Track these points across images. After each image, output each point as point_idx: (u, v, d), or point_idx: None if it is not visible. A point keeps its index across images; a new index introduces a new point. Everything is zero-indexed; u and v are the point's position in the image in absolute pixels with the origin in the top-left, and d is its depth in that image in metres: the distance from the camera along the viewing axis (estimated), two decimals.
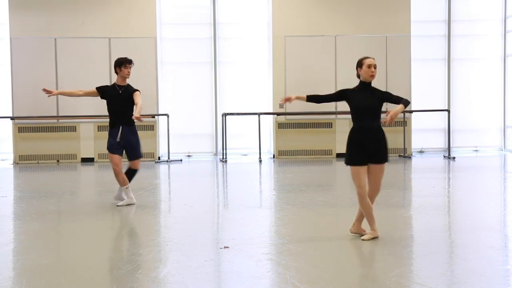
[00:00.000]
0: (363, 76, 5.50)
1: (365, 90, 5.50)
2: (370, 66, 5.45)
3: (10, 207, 7.81)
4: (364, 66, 5.47)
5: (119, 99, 7.44)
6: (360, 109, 5.43)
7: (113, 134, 7.49)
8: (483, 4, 14.75)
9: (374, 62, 5.50)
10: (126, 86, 7.54)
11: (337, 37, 13.73)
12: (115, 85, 7.54)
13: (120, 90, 7.47)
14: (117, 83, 7.54)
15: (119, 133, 7.43)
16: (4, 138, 14.05)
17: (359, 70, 5.53)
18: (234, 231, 6.05)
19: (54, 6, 13.47)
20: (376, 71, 5.51)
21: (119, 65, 7.48)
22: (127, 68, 7.48)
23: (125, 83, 7.56)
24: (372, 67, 5.45)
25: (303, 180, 9.99)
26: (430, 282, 4.20)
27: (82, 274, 4.58)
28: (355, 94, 5.51)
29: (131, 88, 7.55)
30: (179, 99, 14.18)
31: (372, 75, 5.46)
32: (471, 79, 14.70)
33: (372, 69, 5.46)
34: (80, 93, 7.75)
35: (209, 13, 14.21)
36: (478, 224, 6.17)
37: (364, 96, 5.45)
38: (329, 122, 13.77)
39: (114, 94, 7.46)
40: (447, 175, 10.88)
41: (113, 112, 7.50)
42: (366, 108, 5.41)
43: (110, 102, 7.50)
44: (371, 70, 5.45)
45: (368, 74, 5.46)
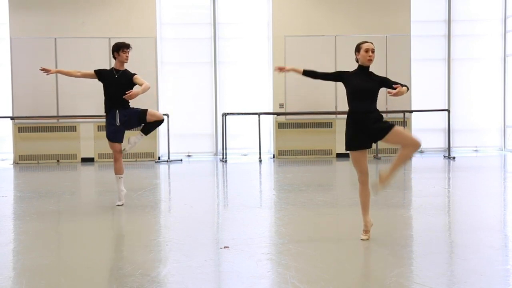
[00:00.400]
0: (361, 60, 5.50)
1: (362, 73, 5.48)
2: (367, 51, 5.44)
3: (10, 207, 7.81)
4: (362, 51, 5.47)
5: (116, 83, 7.43)
6: (357, 91, 5.39)
7: (111, 120, 7.46)
8: (483, 4, 14.75)
9: (372, 46, 5.47)
10: (124, 70, 7.54)
11: (337, 37, 13.73)
12: (113, 69, 7.55)
13: (116, 74, 7.48)
14: (115, 67, 7.55)
15: (117, 117, 7.43)
16: (4, 138, 14.05)
17: (357, 54, 5.53)
18: (234, 231, 6.05)
19: (54, 6, 13.48)
20: (374, 55, 5.47)
21: (117, 49, 7.47)
22: (125, 53, 7.48)
23: (123, 67, 7.56)
24: (369, 51, 5.44)
25: (303, 180, 9.99)
26: (430, 282, 4.20)
27: (82, 274, 4.58)
28: (353, 76, 5.48)
29: (128, 72, 7.54)
30: (179, 99, 14.18)
31: (370, 59, 5.45)
32: (471, 79, 14.71)
33: (370, 53, 5.44)
34: (78, 74, 7.66)
35: (209, 13, 14.21)
36: (478, 224, 6.17)
37: (362, 79, 5.44)
38: (329, 122, 13.78)
39: (111, 78, 7.47)
40: (447, 175, 10.88)
41: (109, 95, 7.48)
42: (363, 90, 5.37)
43: (107, 85, 7.49)
44: (368, 55, 5.44)
45: (365, 58, 5.45)
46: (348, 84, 5.47)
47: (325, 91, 13.70)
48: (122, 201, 7.54)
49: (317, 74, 5.72)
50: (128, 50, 7.51)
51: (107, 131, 7.52)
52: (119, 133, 7.49)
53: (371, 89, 5.39)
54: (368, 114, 5.36)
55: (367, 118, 5.35)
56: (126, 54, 7.49)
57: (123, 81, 7.45)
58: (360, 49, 5.50)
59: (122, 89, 7.44)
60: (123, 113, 7.46)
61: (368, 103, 5.38)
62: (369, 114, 5.36)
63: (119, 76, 7.47)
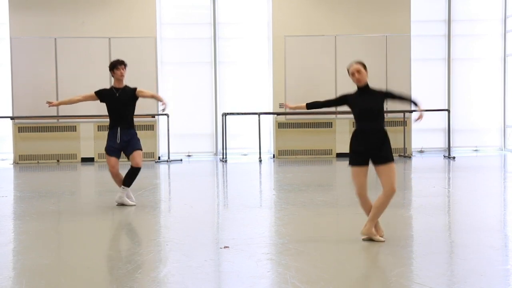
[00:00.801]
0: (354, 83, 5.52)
1: (363, 93, 5.48)
2: (353, 74, 5.44)
3: (10, 207, 7.81)
4: (350, 75, 5.48)
5: (117, 102, 7.43)
6: (361, 112, 5.43)
7: (112, 136, 7.47)
8: (483, 4, 14.75)
9: (357, 68, 5.42)
10: (123, 87, 7.51)
11: (337, 37, 13.73)
12: (112, 88, 7.53)
13: (117, 93, 7.46)
14: (114, 86, 7.53)
15: (118, 135, 7.42)
16: (4, 138, 14.05)
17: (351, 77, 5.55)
18: (234, 231, 6.05)
19: (54, 6, 13.48)
20: (363, 74, 5.42)
21: (112, 68, 7.47)
22: (119, 70, 7.44)
23: (122, 85, 7.52)
24: (355, 73, 5.42)
25: (303, 180, 9.99)
26: (430, 282, 4.20)
27: (82, 274, 4.58)
28: (355, 98, 5.50)
29: (128, 88, 7.52)
30: (179, 99, 14.17)
31: (358, 80, 5.44)
32: (471, 79, 14.71)
33: (356, 75, 5.42)
34: (80, 98, 7.69)
35: (209, 13, 14.21)
36: (478, 224, 6.17)
37: (364, 99, 5.44)
38: (329, 122, 13.78)
39: (112, 97, 7.45)
40: (447, 175, 10.88)
41: (111, 114, 7.50)
42: (366, 111, 5.41)
43: (109, 105, 7.49)
44: (355, 78, 5.44)
45: (354, 81, 5.48)
46: (353, 106, 5.49)
47: (325, 91, 13.68)
48: (133, 202, 7.53)
49: (320, 104, 5.72)
50: (121, 66, 7.45)
51: (107, 145, 7.51)
52: (116, 151, 7.49)
53: (375, 108, 5.41)
54: (374, 133, 5.39)
55: (372, 137, 5.38)
56: (120, 71, 7.44)
57: (124, 99, 7.44)
58: (349, 73, 5.51)
59: (124, 107, 7.42)
60: (125, 132, 7.44)
61: (374, 122, 5.41)
62: (376, 133, 5.39)
63: (120, 95, 7.45)
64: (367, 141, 5.38)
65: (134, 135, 7.52)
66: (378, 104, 5.43)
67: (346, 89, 5.41)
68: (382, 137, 5.41)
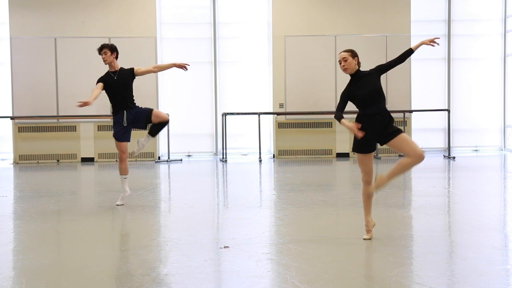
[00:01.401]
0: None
1: (355, 80, 5.47)
2: (340, 62, 5.48)
3: (10, 207, 7.81)
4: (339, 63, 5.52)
5: (117, 84, 7.47)
6: (359, 98, 5.42)
7: (119, 120, 7.49)
8: (483, 4, 14.74)
9: (343, 56, 5.45)
10: (120, 69, 7.58)
11: (337, 37, 13.73)
12: (109, 72, 7.57)
13: (114, 76, 7.51)
14: (110, 70, 7.58)
15: (124, 117, 7.45)
16: (4, 138, 14.05)
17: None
18: (234, 231, 6.05)
19: (54, 6, 13.47)
20: (350, 62, 5.42)
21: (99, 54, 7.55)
22: (102, 55, 7.51)
23: (116, 67, 7.57)
24: (341, 62, 5.45)
25: (303, 180, 9.99)
26: (430, 282, 4.21)
27: (82, 274, 4.58)
28: (351, 88, 5.48)
29: (124, 69, 7.59)
30: (179, 99, 14.17)
31: (344, 68, 5.45)
32: (471, 79, 14.70)
33: (342, 63, 5.45)
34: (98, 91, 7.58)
35: (209, 13, 14.21)
36: (478, 224, 6.17)
37: (357, 86, 5.44)
38: (329, 122, 13.77)
39: (111, 81, 7.50)
40: (447, 175, 10.88)
41: (114, 98, 7.53)
42: (364, 95, 5.39)
43: (110, 89, 7.53)
44: (341, 66, 5.46)
45: (342, 70, 5.50)
46: (352, 96, 5.48)
47: (325, 91, 13.71)
48: (123, 202, 7.54)
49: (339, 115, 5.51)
50: (102, 51, 7.50)
51: (114, 131, 7.54)
52: (126, 133, 7.51)
53: (371, 91, 5.39)
54: (376, 116, 5.38)
55: (375, 120, 5.37)
56: (103, 56, 7.51)
57: (123, 80, 7.50)
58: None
59: (124, 89, 7.49)
60: (130, 112, 7.49)
61: (374, 106, 5.39)
62: (377, 115, 5.38)
63: (117, 77, 7.51)
64: (371, 125, 5.36)
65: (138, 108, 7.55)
66: (374, 86, 5.40)
67: None
68: (386, 117, 5.40)
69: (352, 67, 5.45)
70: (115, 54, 7.55)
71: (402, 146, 5.34)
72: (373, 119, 5.37)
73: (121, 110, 7.48)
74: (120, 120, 7.48)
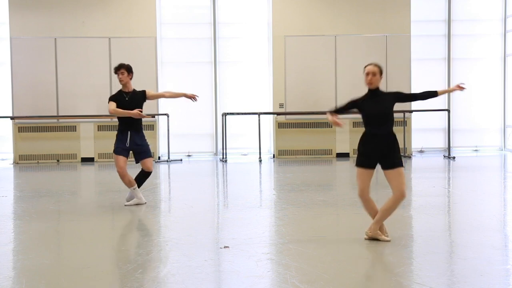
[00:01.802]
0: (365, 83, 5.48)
1: (373, 97, 5.45)
2: (368, 74, 5.42)
3: (10, 207, 7.81)
4: (364, 74, 5.45)
5: (127, 106, 7.46)
6: (369, 116, 5.41)
7: (122, 139, 7.49)
8: (483, 4, 14.74)
9: (372, 70, 5.41)
10: (132, 91, 7.57)
11: (337, 37, 13.73)
12: (122, 92, 7.56)
13: (126, 97, 7.50)
14: (123, 90, 7.58)
15: (128, 139, 7.45)
16: (4, 138, 14.05)
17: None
18: (234, 231, 6.05)
19: (54, 6, 13.47)
20: (377, 78, 5.41)
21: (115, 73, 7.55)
22: (118, 75, 7.51)
23: (130, 88, 7.57)
24: (369, 74, 5.40)
25: (303, 180, 9.99)
26: (430, 282, 4.21)
27: (82, 274, 4.58)
28: (365, 102, 5.46)
29: (137, 92, 7.59)
30: (179, 99, 14.12)
31: (370, 82, 5.41)
32: (471, 79, 14.69)
33: (370, 76, 5.40)
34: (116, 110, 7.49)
35: (209, 13, 14.21)
36: (478, 224, 6.18)
37: (373, 103, 5.41)
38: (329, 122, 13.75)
39: (122, 102, 7.49)
40: (447, 175, 10.88)
41: (122, 118, 7.52)
42: (374, 115, 5.39)
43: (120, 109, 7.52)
44: (368, 78, 5.41)
45: (366, 81, 5.44)
46: (361, 110, 5.47)
47: (325, 91, 13.70)
48: (131, 203, 7.53)
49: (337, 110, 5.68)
50: (119, 71, 7.49)
51: (115, 145, 7.52)
52: (124, 151, 7.51)
53: (383, 112, 5.39)
54: (383, 137, 5.38)
55: (381, 141, 5.38)
56: (119, 75, 7.50)
57: (135, 102, 7.47)
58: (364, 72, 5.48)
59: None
60: (136, 136, 7.47)
61: (382, 127, 5.40)
62: (384, 137, 5.38)
63: (129, 98, 7.50)
64: (376, 145, 5.38)
65: (144, 138, 7.59)
66: (387, 108, 5.40)
67: (346, 89, 5.45)
68: (391, 141, 5.40)
69: (377, 84, 5.44)
70: (131, 75, 7.57)
71: (393, 178, 5.39)
72: (379, 140, 5.38)
73: (126, 131, 7.48)
74: (124, 139, 7.48)
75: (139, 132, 7.54)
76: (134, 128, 7.49)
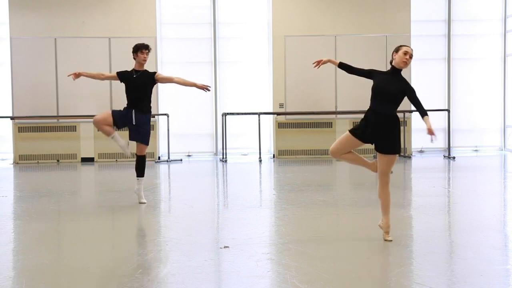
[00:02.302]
0: (396, 61, 5.46)
1: (393, 76, 5.48)
2: (406, 53, 5.42)
3: (10, 207, 7.81)
4: (400, 52, 5.44)
5: (134, 84, 7.51)
6: (379, 91, 5.43)
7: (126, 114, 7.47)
8: (483, 4, 14.75)
9: (411, 52, 5.46)
10: (143, 71, 7.62)
11: (337, 37, 13.73)
12: (133, 70, 7.64)
13: (135, 75, 7.55)
14: (135, 68, 7.64)
15: (133, 116, 7.45)
16: (4, 138, 14.05)
17: (394, 54, 5.50)
18: (234, 231, 6.05)
19: (54, 6, 13.47)
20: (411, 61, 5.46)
21: (135, 50, 7.59)
22: (143, 54, 7.58)
23: (142, 68, 7.64)
24: (408, 54, 5.42)
25: (303, 180, 9.99)
26: (430, 282, 4.21)
27: (82, 274, 4.58)
28: (382, 76, 5.51)
29: (147, 72, 7.63)
30: (179, 99, 14.17)
31: (405, 62, 5.42)
32: (471, 79, 14.70)
33: (407, 56, 5.42)
34: (102, 77, 7.87)
35: (209, 13, 14.21)
36: (478, 224, 6.17)
37: (389, 81, 5.44)
38: (329, 122, 13.78)
39: (130, 79, 7.55)
40: (447, 175, 10.88)
41: (128, 96, 7.58)
42: (385, 93, 5.40)
43: (126, 86, 7.58)
44: (405, 57, 5.41)
45: (401, 59, 5.42)
46: (374, 81, 5.51)
47: (325, 91, 13.70)
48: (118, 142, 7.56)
49: (352, 69, 5.76)
50: (146, 51, 7.60)
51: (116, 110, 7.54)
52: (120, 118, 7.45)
53: (393, 93, 5.40)
54: (385, 117, 5.40)
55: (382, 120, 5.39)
56: (144, 55, 7.58)
57: (141, 82, 7.53)
58: (399, 50, 5.47)
59: (140, 90, 7.50)
60: (139, 116, 7.48)
61: (387, 106, 5.42)
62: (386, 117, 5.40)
63: (137, 77, 7.56)
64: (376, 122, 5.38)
65: (147, 122, 7.56)
66: (399, 91, 5.41)
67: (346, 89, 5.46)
68: (392, 123, 5.41)
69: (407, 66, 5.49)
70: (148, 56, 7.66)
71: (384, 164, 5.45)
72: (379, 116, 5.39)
73: (131, 109, 7.51)
74: (128, 115, 7.47)
75: (144, 113, 7.52)
76: (138, 108, 7.51)
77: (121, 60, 13.39)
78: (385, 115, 5.41)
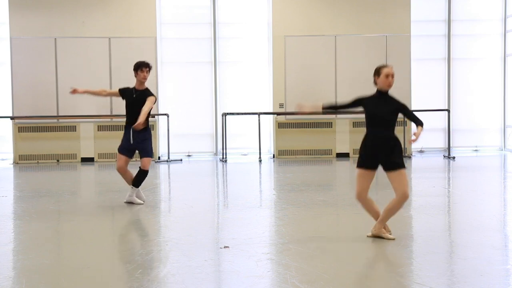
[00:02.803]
0: (380, 85, 5.41)
1: (381, 99, 5.43)
2: (388, 76, 5.36)
3: (10, 207, 7.81)
4: (382, 76, 5.37)
5: (133, 103, 7.49)
6: (373, 117, 5.40)
7: (126, 135, 7.54)
8: (483, 4, 14.74)
9: (392, 72, 5.39)
10: (143, 90, 7.57)
11: (337, 37, 13.72)
12: (134, 88, 7.60)
13: (135, 94, 7.52)
14: (135, 87, 7.60)
15: (131, 135, 7.48)
16: (4, 138, 14.04)
17: (376, 78, 5.42)
18: (234, 231, 6.05)
19: (54, 6, 13.47)
20: (394, 80, 5.41)
21: (136, 68, 7.57)
22: (143, 72, 7.52)
23: (143, 87, 7.58)
24: (390, 76, 5.36)
25: (303, 180, 9.99)
26: (430, 282, 4.21)
27: (82, 274, 4.58)
28: (371, 101, 5.45)
29: (147, 92, 7.57)
30: (179, 99, 14.17)
31: (390, 84, 5.38)
32: (471, 79, 14.70)
33: (390, 78, 5.37)
34: (104, 93, 7.99)
35: (209, 13, 14.21)
36: (478, 224, 6.18)
37: (379, 104, 5.40)
38: (329, 122, 13.77)
39: (130, 97, 7.53)
40: (447, 175, 10.88)
41: (127, 114, 7.58)
42: (379, 117, 5.38)
43: (126, 104, 7.58)
44: (388, 80, 5.37)
45: (385, 84, 5.37)
46: (366, 109, 5.46)
47: (325, 91, 13.70)
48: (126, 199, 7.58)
49: (337, 107, 5.75)
50: (146, 69, 7.54)
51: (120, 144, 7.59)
52: (127, 150, 7.54)
53: (386, 116, 5.37)
54: (384, 140, 5.38)
55: (382, 143, 5.38)
56: (144, 73, 7.52)
57: (140, 101, 7.47)
58: (380, 73, 5.40)
59: (137, 110, 7.45)
60: (138, 133, 7.45)
61: (384, 130, 5.39)
62: (385, 140, 5.38)
63: (137, 96, 7.53)
64: (377, 146, 5.37)
65: (148, 138, 7.56)
66: (391, 112, 5.39)
67: (346, 89, 5.45)
68: (392, 143, 5.39)
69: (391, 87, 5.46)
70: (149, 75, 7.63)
71: (396, 181, 5.36)
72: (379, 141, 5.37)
73: (129, 126, 7.51)
74: (127, 136, 7.53)
75: (141, 131, 7.49)
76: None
77: (121, 60, 13.41)
78: (383, 137, 5.38)
